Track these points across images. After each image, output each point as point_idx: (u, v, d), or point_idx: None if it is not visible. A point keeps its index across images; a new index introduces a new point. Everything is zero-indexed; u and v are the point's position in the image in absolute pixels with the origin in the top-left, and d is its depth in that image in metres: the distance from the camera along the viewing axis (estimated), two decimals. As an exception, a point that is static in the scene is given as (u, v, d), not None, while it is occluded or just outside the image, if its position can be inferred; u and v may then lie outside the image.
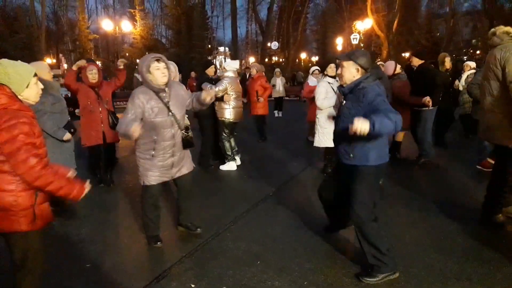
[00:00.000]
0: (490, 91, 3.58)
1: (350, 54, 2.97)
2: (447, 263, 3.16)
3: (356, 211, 2.89)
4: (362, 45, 22.48)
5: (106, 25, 27.16)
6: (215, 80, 6.21)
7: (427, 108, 5.90)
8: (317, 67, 7.83)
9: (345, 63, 2.92)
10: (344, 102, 3.03)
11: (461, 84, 7.80)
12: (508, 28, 3.57)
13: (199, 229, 3.80)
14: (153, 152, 3.35)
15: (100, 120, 5.13)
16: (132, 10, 29.99)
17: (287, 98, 16.12)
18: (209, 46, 33.97)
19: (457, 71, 8.44)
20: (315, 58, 40.83)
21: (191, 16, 29.41)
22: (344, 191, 3.03)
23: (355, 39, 22.20)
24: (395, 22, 26.10)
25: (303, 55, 41.06)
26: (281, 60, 35.77)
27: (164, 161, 3.41)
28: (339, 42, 29.49)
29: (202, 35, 30.49)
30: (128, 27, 27.90)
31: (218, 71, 6.71)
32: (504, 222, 3.79)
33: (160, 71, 3.23)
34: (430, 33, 32.99)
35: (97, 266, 3.25)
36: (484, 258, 3.24)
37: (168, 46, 33.31)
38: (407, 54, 27.65)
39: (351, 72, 2.90)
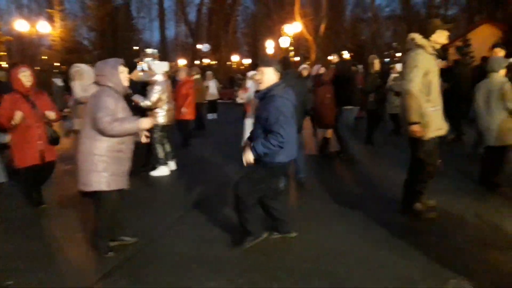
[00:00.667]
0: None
1: (270, 61, 3.14)
2: (375, 253, 3.38)
3: (240, 185, 3.26)
4: (292, 48, 23.20)
5: (20, 26, 25.02)
6: (141, 85, 6.04)
7: (348, 108, 6.41)
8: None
9: (264, 69, 3.05)
10: (259, 107, 3.24)
11: (388, 85, 8.38)
12: (413, 35, 3.93)
13: (133, 238, 3.68)
14: (121, 154, 3.30)
15: (38, 136, 4.41)
16: (50, 11, 28.07)
17: (221, 100, 16.12)
18: (136, 48, 32.92)
19: (384, 72, 9.02)
20: (247, 61, 41.29)
21: (116, 17, 28.33)
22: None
23: (285, 42, 22.83)
24: (322, 26, 27.24)
25: (236, 58, 41.33)
26: (213, 62, 35.69)
27: (126, 166, 3.39)
28: (269, 45, 30.13)
29: (128, 36, 29.50)
30: (46, 29, 26.00)
31: (145, 74, 6.50)
32: (422, 211, 4.11)
33: (124, 74, 3.32)
34: (355, 37, 34.94)
35: (21, 283, 3.03)
36: (403, 245, 3.51)
37: (91, 48, 31.74)
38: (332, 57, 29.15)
39: (270, 78, 3.06)
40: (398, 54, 31.94)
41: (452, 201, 4.50)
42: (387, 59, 29.74)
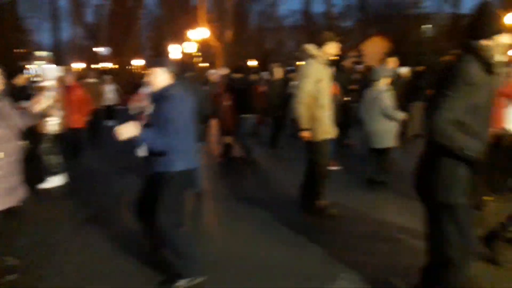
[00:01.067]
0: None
1: (162, 61, 3.01)
2: (275, 253, 3.46)
3: (161, 219, 2.85)
4: (199, 54, 23.12)
5: None
6: (30, 91, 5.48)
7: (246, 116, 6.63)
8: None
9: (156, 70, 2.94)
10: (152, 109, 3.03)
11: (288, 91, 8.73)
12: (307, 46, 4.18)
13: (15, 259, 3.23)
14: None
15: None
16: None
17: (122, 106, 15.29)
18: (24, 50, 29.83)
19: (287, 80, 9.35)
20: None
21: (0, 17, 25.45)
22: (152, 199, 2.96)
23: (190, 47, 22.66)
24: (228, 32, 27.62)
25: (139, 62, 39.78)
26: (113, 66, 33.91)
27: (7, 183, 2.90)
28: (175, 50, 29.60)
29: (15, 38, 26.67)
30: None
31: (34, 79, 5.91)
32: (321, 209, 4.35)
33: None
34: (260, 45, 36.00)
35: None
36: (301, 244, 3.66)
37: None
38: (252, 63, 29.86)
39: (163, 79, 2.94)
40: (301, 63, 33.75)
41: (347, 198, 4.82)
42: (291, 67, 31.29)
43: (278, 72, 7.99)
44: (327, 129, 4.21)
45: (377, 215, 4.31)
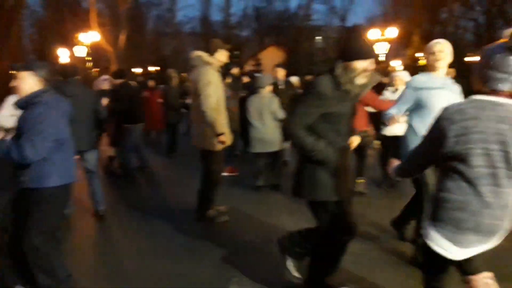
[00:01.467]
0: (196, 105, 4.08)
1: (30, 64, 2.74)
2: (171, 265, 3.40)
3: (28, 238, 2.58)
4: (89, 58, 21.71)
5: None
6: None
7: (131, 126, 6.39)
8: None
9: (22, 74, 2.66)
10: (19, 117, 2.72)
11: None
12: (199, 52, 4.16)
13: None
14: None
15: None
16: None
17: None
18: None
19: (184, 87, 9.20)
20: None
21: None
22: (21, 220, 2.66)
23: (80, 51, 21.19)
24: (122, 37, 26.43)
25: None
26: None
27: None
28: (62, 54, 27.38)
29: None
30: None
31: None
32: (214, 216, 4.40)
33: None
34: (157, 51, 35.07)
35: None
36: (198, 252, 3.66)
37: None
38: (138, 70, 28.68)
39: (30, 84, 2.67)
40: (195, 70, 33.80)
41: (240, 203, 4.93)
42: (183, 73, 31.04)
43: (174, 79, 7.89)
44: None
45: (269, 218, 4.47)
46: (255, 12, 41.25)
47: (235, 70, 7.55)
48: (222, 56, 4.19)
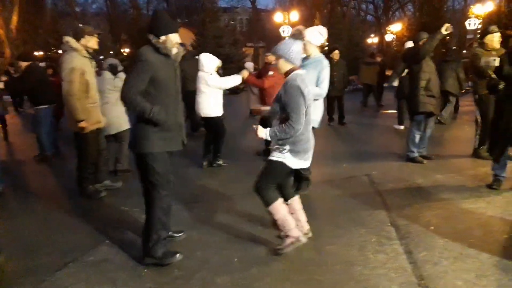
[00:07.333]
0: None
1: None
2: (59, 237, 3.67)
3: None
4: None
5: None
6: None
7: (43, 107, 6.44)
8: None
9: None
10: None
11: None
12: (67, 38, 4.33)
13: None
14: None
15: None
16: None
17: None
18: None
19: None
20: None
21: None
22: None
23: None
24: (14, 19, 24.25)
25: None
26: None
27: None
28: None
29: None
30: None
31: None
32: (93, 193, 4.73)
33: None
34: (57, 32, 32.64)
35: None
36: (74, 226, 3.97)
37: None
38: (40, 53, 26.66)
39: None
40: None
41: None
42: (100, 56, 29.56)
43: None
44: (96, 119, 4.53)
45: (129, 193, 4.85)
46: (163, -7, 40.27)
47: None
48: (89, 42, 4.39)
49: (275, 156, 3.10)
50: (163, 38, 2.87)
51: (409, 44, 7.47)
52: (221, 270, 2.99)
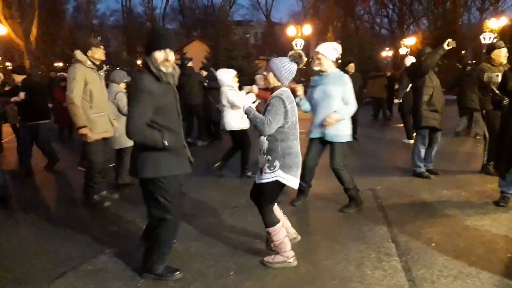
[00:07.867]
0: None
1: None
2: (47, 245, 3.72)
3: None
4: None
5: None
6: None
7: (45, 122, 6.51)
8: None
9: None
10: None
11: None
12: (76, 51, 4.49)
13: None
14: None
15: None
16: None
17: None
18: None
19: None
20: None
21: None
22: None
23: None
24: (34, 30, 24.93)
25: None
26: None
27: None
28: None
29: None
30: None
31: None
32: (98, 202, 4.78)
33: None
34: (74, 44, 33.45)
35: None
36: (71, 234, 4.02)
37: None
38: (59, 64, 27.29)
39: None
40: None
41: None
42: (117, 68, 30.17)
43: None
44: (102, 129, 4.61)
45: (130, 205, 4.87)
46: (179, 5, 41.01)
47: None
48: (95, 53, 4.51)
49: (266, 178, 3.07)
50: (153, 55, 2.70)
51: (409, 59, 7.42)
52: (217, 283, 2.98)
